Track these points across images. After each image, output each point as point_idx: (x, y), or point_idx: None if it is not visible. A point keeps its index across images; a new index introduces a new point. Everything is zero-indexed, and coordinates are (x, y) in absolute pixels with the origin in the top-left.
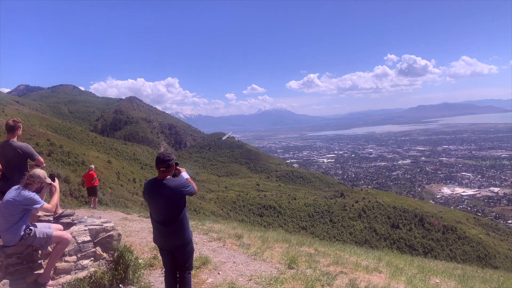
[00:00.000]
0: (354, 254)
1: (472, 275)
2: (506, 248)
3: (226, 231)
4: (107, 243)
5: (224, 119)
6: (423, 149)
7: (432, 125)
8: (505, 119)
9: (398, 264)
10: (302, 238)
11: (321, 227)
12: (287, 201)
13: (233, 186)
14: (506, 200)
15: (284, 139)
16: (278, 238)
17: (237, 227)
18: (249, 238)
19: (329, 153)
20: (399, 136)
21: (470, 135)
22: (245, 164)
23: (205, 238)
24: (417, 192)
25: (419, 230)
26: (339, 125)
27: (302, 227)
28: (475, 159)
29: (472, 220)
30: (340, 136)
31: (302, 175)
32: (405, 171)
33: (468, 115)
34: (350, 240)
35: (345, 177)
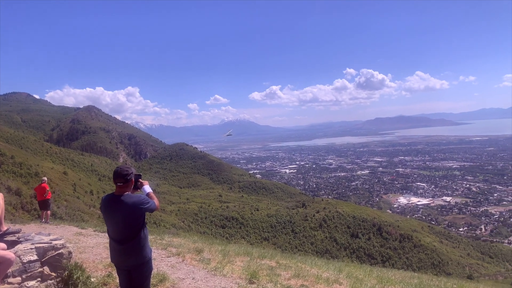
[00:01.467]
0: (315, 265)
1: (428, 283)
2: (458, 255)
3: (186, 245)
4: (56, 261)
5: (187, 129)
6: (380, 160)
7: (388, 137)
8: (456, 132)
9: (358, 275)
10: (264, 251)
11: (283, 237)
12: (250, 212)
13: (195, 197)
14: (457, 209)
15: (247, 150)
16: (240, 251)
17: (197, 240)
18: (209, 252)
19: (291, 163)
20: (358, 147)
21: (424, 146)
22: (207, 175)
23: (164, 253)
24: (375, 202)
25: (377, 239)
26: (301, 136)
27: (265, 238)
28: (429, 170)
29: (427, 229)
30: (301, 147)
31: (265, 186)
32: (363, 182)
33: (422, 128)
34: (312, 250)
35: (307, 188)
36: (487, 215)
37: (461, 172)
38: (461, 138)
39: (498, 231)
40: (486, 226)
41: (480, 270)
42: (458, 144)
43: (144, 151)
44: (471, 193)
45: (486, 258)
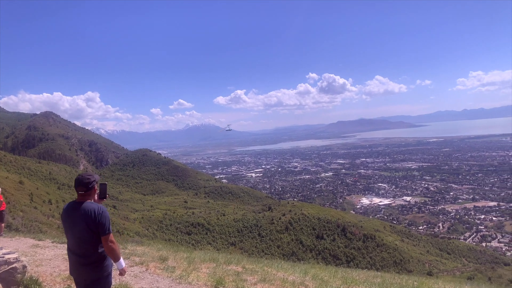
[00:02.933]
0: (281, 269)
1: (390, 282)
2: (418, 253)
3: (150, 254)
4: (9, 276)
5: (150, 134)
6: (343, 162)
7: (350, 140)
8: (414, 134)
9: (323, 277)
10: (230, 256)
11: (250, 241)
12: (216, 218)
13: (159, 204)
14: (417, 208)
15: (212, 155)
16: (205, 257)
17: (162, 248)
18: (174, 260)
19: (257, 167)
20: (322, 150)
21: (385, 148)
22: (172, 181)
23: (127, 263)
24: (339, 203)
25: (342, 239)
26: (266, 140)
27: (231, 243)
28: (389, 171)
29: (389, 228)
30: (267, 151)
31: (231, 191)
32: (327, 183)
33: (382, 130)
34: (278, 253)
35: (273, 191)
36: (444, 213)
37: (419, 173)
38: (419, 139)
39: (455, 228)
40: (444, 224)
41: (439, 266)
42: (416, 145)
43: (106, 158)
44: (429, 192)
45: (444, 255)
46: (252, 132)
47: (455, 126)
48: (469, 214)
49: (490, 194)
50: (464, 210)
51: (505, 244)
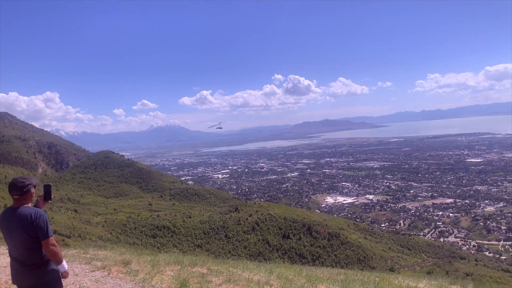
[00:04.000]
0: (247, 269)
1: (353, 278)
2: (381, 250)
3: (113, 258)
4: None
5: (112, 136)
6: (308, 162)
7: (315, 140)
8: (376, 134)
9: (288, 276)
10: (195, 258)
11: (217, 243)
12: (182, 220)
13: (123, 207)
14: (379, 206)
15: (178, 156)
16: (170, 260)
17: (125, 252)
18: (138, 264)
19: (224, 168)
20: (287, 151)
21: (348, 148)
22: (136, 183)
23: (87, 268)
24: (305, 203)
25: (307, 238)
26: (233, 141)
27: (198, 245)
28: (352, 170)
29: (353, 226)
30: (233, 151)
31: (197, 192)
32: (293, 183)
33: (345, 131)
34: (245, 254)
35: (239, 192)
36: (405, 211)
37: (381, 172)
38: (380, 139)
39: (415, 225)
40: (404, 221)
41: (400, 262)
42: (378, 145)
43: (66, 160)
44: (391, 190)
45: (405, 251)
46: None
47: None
48: (428, 211)
49: (447, 192)
50: (423, 207)
51: (461, 239)
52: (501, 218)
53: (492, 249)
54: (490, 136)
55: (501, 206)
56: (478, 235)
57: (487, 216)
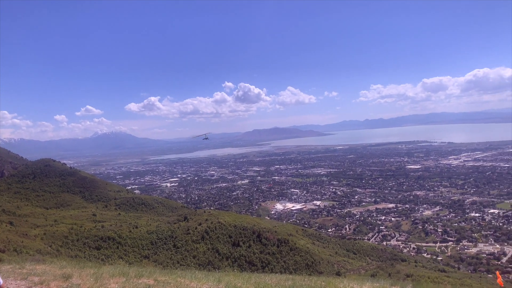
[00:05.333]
0: (195, 279)
1: (300, 284)
2: (328, 254)
3: (52, 272)
4: None
5: (54, 143)
6: (259, 170)
7: (265, 147)
8: (323, 142)
9: (237, 284)
10: (142, 269)
11: (165, 253)
12: (128, 230)
13: (64, 218)
14: (326, 211)
15: (124, 164)
16: (115, 272)
17: (66, 265)
18: (80, 277)
19: (173, 177)
20: (238, 158)
21: (297, 155)
22: (79, 193)
23: (23, 284)
24: (255, 210)
25: (257, 246)
26: (182, 148)
27: (145, 256)
28: (301, 177)
29: (301, 232)
30: (183, 159)
31: (144, 201)
32: (244, 191)
33: (294, 138)
34: (194, 263)
35: (189, 200)
36: (350, 216)
37: (328, 178)
38: (327, 147)
39: (360, 229)
40: (350, 226)
41: (346, 266)
42: (325, 152)
43: (1, 169)
44: (337, 196)
45: (351, 255)
46: (167, 141)
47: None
48: (372, 216)
49: (389, 197)
50: (368, 212)
51: (402, 242)
52: (437, 221)
53: (430, 251)
54: (427, 144)
55: (438, 210)
56: (417, 238)
57: (425, 219)
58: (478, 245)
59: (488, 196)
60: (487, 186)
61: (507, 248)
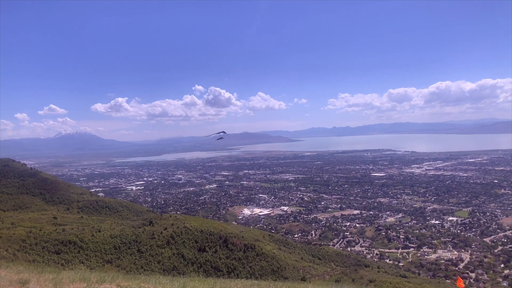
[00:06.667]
0: (159, 284)
1: None
2: (294, 260)
3: (7, 278)
4: None
5: (14, 142)
6: (227, 174)
7: (235, 152)
8: (291, 148)
9: None
10: (104, 274)
11: (128, 258)
12: (91, 234)
13: (22, 221)
14: (293, 217)
15: (88, 166)
16: (75, 277)
17: (23, 271)
18: (37, 283)
19: (139, 180)
20: (207, 162)
21: (265, 161)
22: (39, 195)
23: None
24: (222, 215)
25: (223, 251)
26: (149, 151)
27: (107, 261)
28: (269, 182)
29: (268, 237)
30: (150, 162)
31: (108, 205)
32: (211, 195)
33: (263, 144)
34: (158, 268)
35: (155, 204)
36: (316, 222)
37: (295, 184)
38: (295, 153)
39: (325, 235)
40: (316, 231)
41: (311, 271)
42: (293, 158)
43: None
44: (304, 202)
45: (316, 260)
46: (134, 143)
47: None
48: (337, 222)
49: (354, 203)
50: (333, 218)
51: (366, 248)
52: (400, 228)
53: (392, 257)
54: (392, 153)
55: (400, 217)
56: (381, 244)
57: (388, 226)
58: (438, 251)
59: (448, 204)
60: (447, 194)
61: (464, 255)
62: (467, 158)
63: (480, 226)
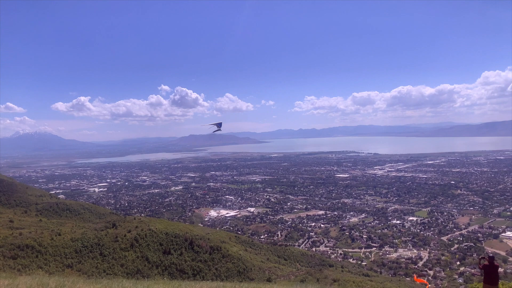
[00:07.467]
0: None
1: None
2: (260, 261)
3: None
4: None
5: None
6: (193, 176)
7: (202, 153)
8: (259, 149)
9: None
10: (63, 279)
11: (90, 262)
12: (50, 238)
13: None
14: (259, 218)
15: (48, 167)
16: (33, 283)
17: None
18: None
19: (101, 181)
20: (173, 164)
21: (233, 162)
22: None
23: None
24: (188, 217)
25: (189, 253)
26: (113, 152)
27: (68, 265)
28: (236, 184)
29: (234, 239)
30: (113, 163)
31: (69, 207)
32: (177, 197)
33: (231, 145)
34: (122, 272)
35: (118, 206)
36: (282, 222)
37: (262, 185)
38: (262, 154)
39: (291, 236)
40: (282, 232)
41: (277, 272)
42: (260, 160)
43: None
44: (270, 203)
45: (281, 261)
46: (97, 143)
47: (293, 143)
48: (303, 222)
49: (319, 204)
50: (299, 218)
51: (330, 248)
52: (363, 228)
53: (355, 256)
54: (355, 155)
55: (363, 217)
56: (344, 244)
57: (352, 226)
58: (398, 250)
59: (408, 204)
60: (407, 195)
61: (423, 253)
62: (426, 160)
63: (438, 226)
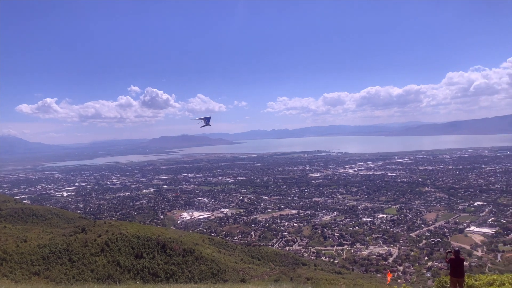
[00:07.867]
0: None
1: None
2: (234, 262)
3: None
4: None
5: None
6: (165, 178)
7: (173, 155)
8: (232, 150)
9: None
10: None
11: (58, 268)
12: (15, 245)
13: None
14: (233, 219)
15: (13, 171)
16: None
17: None
18: None
19: (70, 185)
20: (143, 166)
21: (206, 163)
22: None
23: None
24: (160, 220)
25: (161, 256)
26: (81, 154)
27: (35, 273)
28: (209, 185)
29: (207, 241)
30: (82, 166)
31: (35, 213)
32: (148, 200)
33: (203, 146)
34: (92, 278)
35: (87, 211)
36: (256, 223)
37: (236, 186)
38: (236, 155)
39: (265, 236)
40: (255, 232)
41: (251, 272)
42: (234, 161)
43: None
44: (244, 204)
45: (255, 261)
46: (64, 146)
47: (266, 143)
48: (276, 222)
49: (292, 203)
50: (272, 218)
51: (303, 247)
52: (335, 226)
53: (328, 254)
54: (327, 154)
55: (335, 215)
56: (317, 242)
57: (324, 224)
58: (369, 247)
59: (378, 202)
60: (377, 193)
61: (393, 249)
62: (395, 159)
63: (407, 222)
